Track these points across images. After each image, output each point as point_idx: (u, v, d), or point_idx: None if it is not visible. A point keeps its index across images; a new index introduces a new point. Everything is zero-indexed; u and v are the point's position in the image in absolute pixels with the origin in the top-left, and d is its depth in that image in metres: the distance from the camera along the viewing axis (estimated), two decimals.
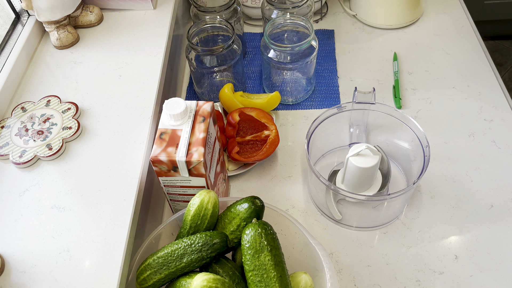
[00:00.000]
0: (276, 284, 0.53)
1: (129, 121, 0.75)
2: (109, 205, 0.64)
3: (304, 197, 0.80)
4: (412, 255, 0.71)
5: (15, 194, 0.66)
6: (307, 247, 0.60)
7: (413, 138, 0.73)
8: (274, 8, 0.92)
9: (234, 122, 0.83)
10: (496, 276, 0.68)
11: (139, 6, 0.93)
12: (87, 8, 0.90)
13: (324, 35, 1.07)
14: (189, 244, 0.56)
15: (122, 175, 0.68)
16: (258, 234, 0.54)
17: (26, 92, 0.79)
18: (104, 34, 0.90)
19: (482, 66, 0.97)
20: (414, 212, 0.76)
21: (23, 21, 0.87)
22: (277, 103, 0.89)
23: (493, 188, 0.78)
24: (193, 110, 0.65)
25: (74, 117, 0.74)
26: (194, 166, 0.61)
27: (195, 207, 0.59)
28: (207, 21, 0.86)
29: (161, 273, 0.57)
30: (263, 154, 0.80)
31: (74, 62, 0.85)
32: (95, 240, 0.61)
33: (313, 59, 0.87)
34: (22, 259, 0.60)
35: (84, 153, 0.71)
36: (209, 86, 0.95)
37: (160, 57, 0.84)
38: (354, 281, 0.69)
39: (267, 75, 0.93)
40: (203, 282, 0.50)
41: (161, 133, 0.63)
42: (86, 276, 0.58)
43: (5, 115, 0.76)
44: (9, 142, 0.71)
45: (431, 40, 1.03)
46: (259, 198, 0.59)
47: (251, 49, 1.06)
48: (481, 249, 0.71)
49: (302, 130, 0.89)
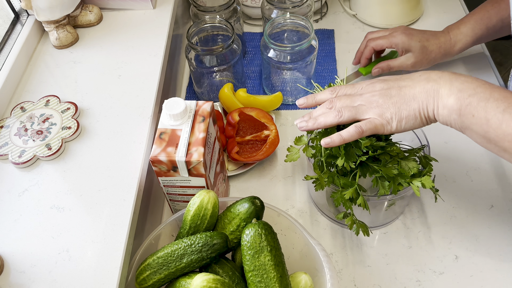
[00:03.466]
0: (276, 284, 0.53)
1: (129, 121, 0.74)
2: (109, 205, 0.64)
3: (304, 197, 0.79)
4: (412, 255, 0.71)
5: (15, 194, 0.66)
6: (307, 247, 0.60)
7: (413, 138, 0.73)
8: (274, 7, 0.92)
9: (234, 122, 0.83)
10: (496, 276, 0.68)
11: (139, 5, 0.92)
12: (87, 8, 0.90)
13: (324, 34, 1.07)
14: (189, 244, 0.56)
15: (121, 175, 0.67)
16: (258, 234, 0.54)
17: (25, 92, 0.79)
18: (103, 34, 0.89)
19: (482, 66, 0.97)
20: (414, 212, 0.76)
21: (22, 21, 0.87)
22: (279, 103, 0.89)
23: (493, 188, 0.78)
24: (193, 110, 0.65)
25: (74, 117, 0.74)
26: (193, 166, 0.61)
27: (194, 207, 0.58)
28: (207, 20, 0.86)
29: (160, 273, 0.57)
30: (263, 154, 0.80)
31: (73, 61, 0.84)
32: (95, 240, 0.61)
33: (313, 59, 0.87)
34: (21, 259, 0.59)
35: (83, 153, 0.71)
36: (209, 86, 0.95)
37: (159, 57, 0.84)
38: (354, 281, 0.69)
39: (267, 75, 0.93)
40: (203, 283, 0.50)
41: (160, 133, 0.63)
42: (85, 276, 0.57)
43: (4, 115, 0.75)
44: (8, 142, 0.70)
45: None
46: (259, 198, 0.59)
47: (251, 49, 1.06)
48: (481, 249, 0.71)
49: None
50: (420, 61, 0.87)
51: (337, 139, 0.60)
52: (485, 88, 0.55)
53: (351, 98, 0.62)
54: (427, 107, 0.57)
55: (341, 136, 0.60)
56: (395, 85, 0.60)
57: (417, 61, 0.86)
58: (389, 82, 0.61)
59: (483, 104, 0.54)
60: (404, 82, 0.60)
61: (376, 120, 0.59)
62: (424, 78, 0.59)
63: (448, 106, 0.56)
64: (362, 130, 0.59)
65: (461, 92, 0.55)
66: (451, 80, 0.57)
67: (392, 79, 0.61)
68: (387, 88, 0.60)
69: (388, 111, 0.59)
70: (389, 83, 0.61)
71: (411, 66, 0.87)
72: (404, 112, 0.58)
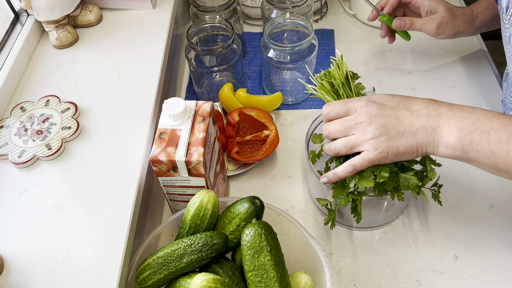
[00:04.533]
0: (276, 284, 0.53)
1: (129, 121, 0.74)
2: (109, 205, 0.64)
3: (304, 197, 0.79)
4: (412, 255, 0.71)
5: (14, 194, 0.66)
6: (307, 247, 0.60)
7: None
8: (274, 7, 0.92)
9: (233, 122, 0.83)
10: (496, 276, 0.68)
11: (139, 5, 0.92)
12: (87, 8, 0.90)
13: (324, 34, 1.07)
14: (189, 244, 0.56)
15: (121, 175, 0.67)
16: (257, 234, 0.54)
17: (25, 91, 0.79)
18: (103, 34, 0.89)
19: (482, 66, 0.97)
20: (414, 212, 0.76)
21: (22, 21, 0.87)
22: (279, 103, 0.89)
23: (493, 188, 0.78)
24: (193, 110, 0.65)
25: (73, 117, 0.74)
26: (193, 166, 0.61)
27: (194, 207, 0.58)
28: (207, 20, 0.86)
29: (160, 273, 0.57)
30: (263, 154, 0.80)
31: (73, 61, 0.84)
32: (95, 240, 0.61)
33: (313, 59, 0.87)
34: (21, 259, 0.59)
35: (83, 153, 0.71)
36: (209, 85, 0.95)
37: (159, 57, 0.84)
38: (354, 281, 0.69)
39: (267, 74, 0.93)
40: (203, 282, 0.50)
41: (160, 133, 0.63)
42: (85, 276, 0.57)
43: (4, 115, 0.75)
44: (8, 142, 0.70)
45: (431, 40, 1.03)
46: (259, 198, 0.59)
47: (250, 48, 1.06)
48: (481, 249, 0.71)
49: (302, 130, 0.89)
50: (445, 23, 0.82)
51: (332, 177, 0.63)
52: (484, 120, 0.55)
53: (345, 124, 0.60)
54: (426, 146, 0.57)
55: (336, 174, 0.62)
56: (392, 115, 0.58)
57: (442, 22, 0.82)
58: (386, 109, 0.59)
59: (485, 138, 0.54)
60: (402, 114, 0.58)
61: (370, 154, 0.58)
62: (424, 113, 0.57)
63: (451, 145, 0.56)
64: (356, 168, 0.60)
65: (461, 130, 0.55)
66: (450, 118, 0.56)
67: (390, 106, 0.59)
68: (384, 116, 0.58)
69: (383, 145, 0.58)
70: (386, 110, 0.59)
71: (436, 27, 0.82)
72: (401, 148, 0.58)
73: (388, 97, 0.60)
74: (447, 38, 0.86)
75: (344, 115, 0.61)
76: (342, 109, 0.61)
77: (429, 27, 0.83)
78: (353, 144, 0.60)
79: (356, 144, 0.59)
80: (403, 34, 0.88)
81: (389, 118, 0.58)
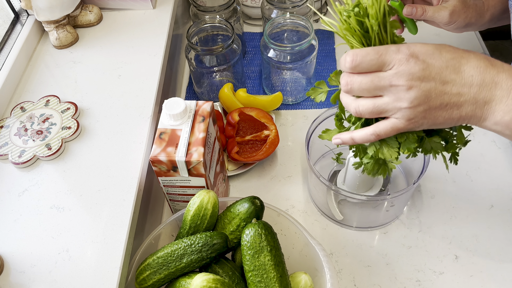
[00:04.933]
0: (276, 284, 0.53)
1: (129, 121, 0.74)
2: (109, 205, 0.64)
3: (304, 197, 0.79)
4: (412, 255, 0.71)
5: (14, 194, 0.66)
6: (307, 247, 0.60)
7: None
8: (274, 7, 0.92)
9: (233, 122, 0.83)
10: (496, 276, 0.68)
11: (139, 5, 0.92)
12: (87, 8, 0.90)
13: (324, 34, 1.07)
14: (189, 244, 0.56)
15: (121, 175, 0.67)
16: (257, 234, 0.54)
17: (25, 91, 0.79)
18: (103, 34, 0.89)
19: None
20: (414, 212, 0.76)
21: (22, 21, 0.87)
22: (279, 103, 0.89)
23: (493, 188, 0.78)
24: (193, 110, 0.65)
25: (73, 117, 0.74)
26: (193, 166, 0.61)
27: (194, 207, 0.58)
28: (207, 20, 0.86)
29: (160, 273, 0.57)
30: (263, 154, 0.80)
31: (73, 61, 0.84)
32: (95, 240, 0.61)
33: (313, 59, 0.87)
34: (21, 259, 0.59)
35: (83, 153, 0.71)
36: (209, 85, 0.95)
37: (159, 57, 0.84)
38: (354, 281, 0.69)
39: (267, 75, 0.93)
40: (203, 282, 0.50)
41: (160, 133, 0.62)
42: (85, 276, 0.57)
43: (4, 115, 0.75)
44: (8, 142, 0.70)
45: (432, 40, 1.03)
46: (259, 198, 0.59)
47: (250, 48, 1.06)
48: (481, 249, 0.71)
49: (302, 130, 0.89)
50: (458, 12, 0.76)
51: (348, 141, 0.54)
52: None
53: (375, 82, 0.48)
54: (470, 119, 0.49)
55: (353, 140, 0.53)
56: (438, 80, 0.47)
57: (455, 10, 0.75)
58: (432, 71, 0.47)
59: None
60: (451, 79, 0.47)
61: (401, 124, 0.49)
62: (477, 82, 0.47)
63: (503, 124, 0.48)
64: (379, 138, 0.50)
65: None
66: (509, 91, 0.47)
67: (437, 66, 0.47)
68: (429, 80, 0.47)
69: (420, 115, 0.48)
70: (432, 72, 0.47)
71: (449, 15, 0.76)
72: (440, 119, 0.48)
73: (435, 52, 0.48)
74: (457, 28, 0.80)
75: (376, 70, 0.48)
76: (375, 63, 0.48)
77: (442, 15, 0.76)
78: (382, 110, 0.49)
79: (385, 110, 0.49)
80: (411, 25, 0.85)
81: (434, 83, 0.47)
